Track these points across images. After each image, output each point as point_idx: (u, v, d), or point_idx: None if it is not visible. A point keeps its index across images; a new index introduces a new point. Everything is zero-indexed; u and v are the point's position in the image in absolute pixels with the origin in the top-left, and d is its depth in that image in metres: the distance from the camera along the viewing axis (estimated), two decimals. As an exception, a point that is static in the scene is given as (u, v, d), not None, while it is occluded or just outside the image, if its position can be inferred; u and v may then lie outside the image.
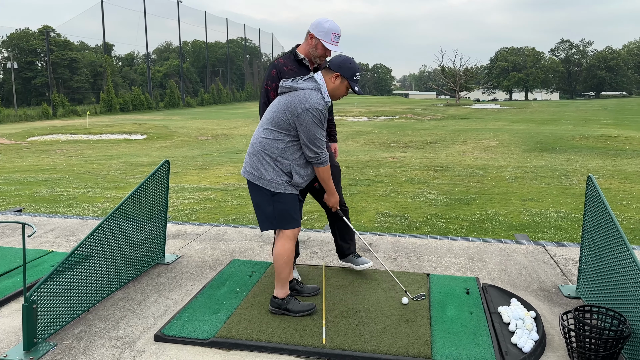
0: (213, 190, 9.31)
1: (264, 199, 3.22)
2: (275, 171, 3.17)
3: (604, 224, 3.25)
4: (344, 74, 3.15)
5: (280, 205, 3.21)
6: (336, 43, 3.44)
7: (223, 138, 22.21)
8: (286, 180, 3.19)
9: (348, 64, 3.17)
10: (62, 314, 3.21)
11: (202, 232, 5.42)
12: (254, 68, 79.52)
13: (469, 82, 63.31)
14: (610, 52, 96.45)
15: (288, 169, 3.18)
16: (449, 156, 15.18)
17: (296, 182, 3.22)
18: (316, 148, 3.12)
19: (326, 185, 3.36)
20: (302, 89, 3.11)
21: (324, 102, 3.11)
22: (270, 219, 3.25)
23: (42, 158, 16.12)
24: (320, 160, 3.18)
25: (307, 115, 3.05)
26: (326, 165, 3.23)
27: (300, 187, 3.32)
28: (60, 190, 9.48)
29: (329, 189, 3.40)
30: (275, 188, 3.18)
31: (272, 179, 3.17)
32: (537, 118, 33.85)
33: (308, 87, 3.12)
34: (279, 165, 3.17)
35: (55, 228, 5.63)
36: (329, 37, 3.40)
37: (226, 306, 3.51)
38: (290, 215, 3.25)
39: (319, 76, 3.19)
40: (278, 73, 3.51)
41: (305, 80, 3.17)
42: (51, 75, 46.40)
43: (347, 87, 3.22)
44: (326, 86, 3.18)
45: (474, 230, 6.35)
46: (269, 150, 3.16)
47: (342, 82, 3.18)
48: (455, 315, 3.38)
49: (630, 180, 10.22)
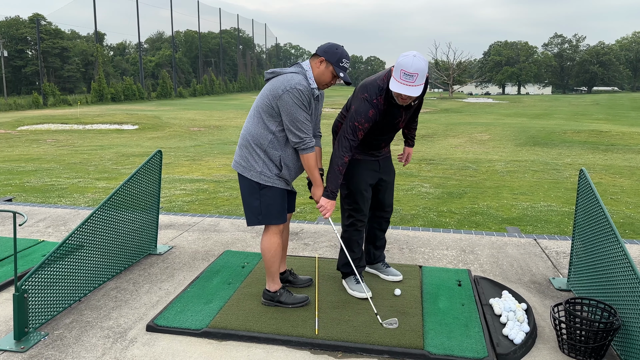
0: (205, 182, 9.27)
1: (252, 192, 3.20)
2: (265, 163, 3.14)
3: (596, 217, 3.27)
4: (329, 59, 3.05)
5: (267, 199, 3.18)
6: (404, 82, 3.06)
7: (215, 129, 22.12)
8: (276, 173, 3.16)
9: (334, 49, 3.07)
10: (53, 304, 3.19)
11: (194, 223, 5.41)
12: (247, 59, 79.15)
13: (462, 75, 63.47)
14: (602, 47, 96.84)
15: (278, 160, 3.14)
16: (441, 149, 15.22)
17: (285, 174, 3.18)
18: (299, 132, 3.03)
19: (311, 175, 3.21)
20: (285, 72, 3.10)
21: (306, 84, 3.03)
22: (257, 214, 3.23)
23: (33, 147, 15.98)
24: (304, 145, 3.07)
25: (288, 96, 2.98)
26: (311, 152, 3.11)
27: (289, 182, 3.27)
28: (50, 180, 9.41)
29: (315, 180, 3.23)
30: (265, 180, 3.15)
31: (262, 170, 3.15)
32: (529, 112, 34.01)
33: (291, 71, 3.11)
34: (269, 156, 3.13)
35: (46, 218, 5.59)
36: (398, 74, 3.08)
37: (219, 297, 3.51)
38: (277, 210, 3.22)
39: (306, 62, 3.16)
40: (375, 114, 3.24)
41: (291, 65, 3.18)
42: (42, 64, 45.91)
43: (332, 72, 3.09)
44: (312, 72, 3.11)
45: (466, 223, 6.38)
46: (258, 141, 3.13)
47: (327, 67, 3.07)
48: (447, 307, 3.40)
49: (620, 175, 10.30)
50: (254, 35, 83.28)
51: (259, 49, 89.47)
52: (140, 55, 57.38)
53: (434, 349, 2.87)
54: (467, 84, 70.54)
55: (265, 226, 3.29)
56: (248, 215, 3.27)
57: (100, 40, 58.02)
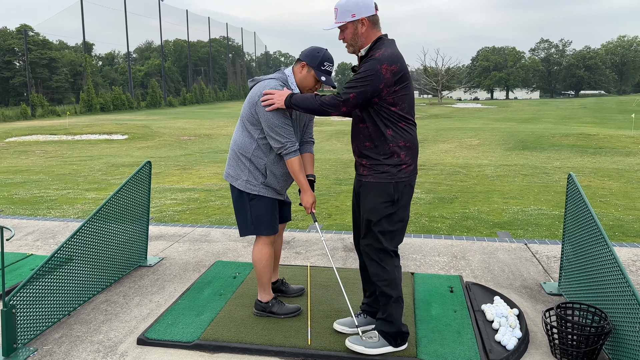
0: (196, 191, 9.23)
1: (241, 202, 3.20)
2: (251, 172, 3.14)
3: (585, 221, 3.29)
4: (310, 63, 3.03)
5: (256, 210, 3.17)
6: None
7: (206, 138, 22.06)
8: (262, 182, 3.14)
9: (316, 52, 3.06)
10: (42, 319, 3.15)
11: (185, 234, 5.37)
12: (237, 67, 79.15)
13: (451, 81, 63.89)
14: (588, 51, 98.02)
15: (263, 168, 3.13)
16: (432, 155, 15.28)
17: (270, 182, 3.16)
18: (278, 137, 2.99)
19: (297, 180, 3.10)
20: (264, 79, 3.11)
21: (279, 87, 3.02)
22: (248, 225, 3.22)
23: (21, 159, 15.83)
24: (285, 150, 3.01)
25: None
26: (294, 156, 3.03)
27: (278, 191, 3.23)
28: (39, 192, 9.32)
29: (300, 185, 3.11)
30: (251, 189, 3.14)
31: (247, 179, 3.14)
32: (518, 117, 34.27)
33: (270, 77, 3.12)
34: (254, 164, 3.13)
35: (34, 230, 5.53)
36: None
37: (210, 308, 3.48)
38: (267, 221, 3.20)
39: (289, 68, 3.16)
40: None
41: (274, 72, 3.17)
42: (29, 74, 45.60)
43: (314, 77, 3.07)
44: (294, 77, 3.11)
45: (457, 228, 6.40)
46: (244, 150, 3.13)
47: (309, 71, 3.05)
48: (439, 313, 3.40)
49: (609, 178, 10.40)
50: (243, 43, 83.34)
51: (248, 57, 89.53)
52: (129, 64, 57.19)
53: (427, 356, 2.87)
54: (455, 89, 70.99)
55: (257, 236, 3.28)
56: (240, 226, 3.26)
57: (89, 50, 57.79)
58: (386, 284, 2.87)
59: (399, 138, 2.78)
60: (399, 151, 2.78)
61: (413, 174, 2.87)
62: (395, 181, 2.80)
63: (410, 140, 2.82)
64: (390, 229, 2.85)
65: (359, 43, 2.85)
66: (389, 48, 2.75)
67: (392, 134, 2.78)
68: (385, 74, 2.67)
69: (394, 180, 2.80)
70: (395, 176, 2.80)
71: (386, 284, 2.87)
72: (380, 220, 2.83)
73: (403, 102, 2.76)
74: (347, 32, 2.85)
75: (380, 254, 2.87)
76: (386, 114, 2.76)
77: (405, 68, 2.77)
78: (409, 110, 2.81)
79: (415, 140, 2.87)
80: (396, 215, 2.84)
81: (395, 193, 2.81)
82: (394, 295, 2.87)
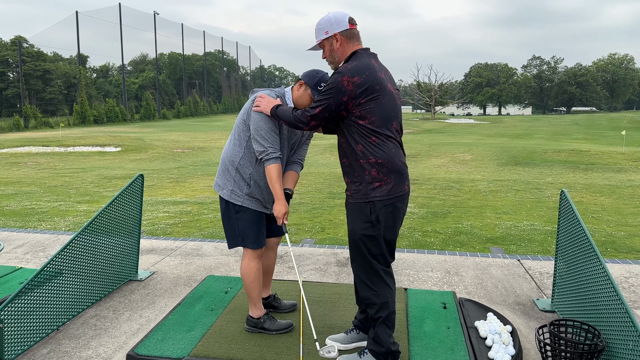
0: (189, 204, 9.19)
1: (228, 214, 3.21)
2: (236, 182, 3.16)
3: (577, 238, 3.30)
4: (308, 82, 3.10)
5: (242, 223, 3.17)
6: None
7: (199, 150, 22.04)
8: (246, 192, 3.15)
9: (315, 73, 3.13)
10: (30, 334, 3.10)
11: (176, 247, 5.33)
12: (232, 80, 79.46)
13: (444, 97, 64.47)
14: (580, 68, 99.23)
15: (248, 178, 3.15)
16: (425, 169, 15.33)
17: (254, 193, 3.15)
18: (262, 140, 3.02)
19: (272, 187, 3.03)
20: (264, 90, 3.20)
21: (274, 97, 3.13)
22: (236, 237, 3.21)
23: (12, 171, 15.72)
24: (267, 155, 3.02)
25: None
26: (274, 163, 3.01)
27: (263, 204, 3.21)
28: (30, 204, 9.24)
29: (275, 194, 3.03)
30: (235, 200, 3.15)
31: (232, 189, 3.16)
32: (510, 132, 34.53)
33: (270, 89, 3.21)
34: (240, 174, 3.15)
35: (24, 243, 5.47)
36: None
37: (201, 324, 3.44)
38: (253, 234, 3.19)
39: (289, 87, 3.25)
40: None
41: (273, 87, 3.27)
42: (23, 86, 45.52)
43: (310, 96, 3.11)
44: (292, 94, 3.18)
45: (450, 243, 6.39)
46: (232, 159, 3.17)
47: (306, 90, 3.12)
48: (432, 330, 3.37)
49: (600, 194, 10.46)
50: (238, 57, 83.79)
51: (243, 71, 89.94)
52: (123, 77, 57.25)
53: (420, 374, 2.84)
54: (448, 105, 71.59)
55: (244, 250, 3.27)
56: (227, 238, 3.26)
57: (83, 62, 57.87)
58: (377, 309, 2.82)
59: (368, 154, 2.68)
60: (369, 168, 2.68)
61: (395, 192, 2.71)
62: (370, 200, 2.69)
63: (383, 157, 2.67)
64: (376, 252, 2.77)
65: (336, 59, 2.87)
66: (356, 61, 2.72)
67: (362, 150, 2.69)
68: (347, 85, 2.63)
69: (368, 200, 2.70)
70: (369, 195, 2.69)
71: (377, 309, 2.82)
72: (365, 242, 2.74)
73: (372, 116, 2.65)
74: (325, 50, 2.89)
75: (372, 277, 2.81)
76: (355, 128, 2.70)
77: (374, 80, 2.66)
78: (381, 124, 2.68)
79: (391, 156, 2.69)
80: (379, 236, 2.73)
81: (372, 213, 2.69)
82: (384, 315, 2.82)
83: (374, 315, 2.83)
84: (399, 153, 2.76)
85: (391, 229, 2.76)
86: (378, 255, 2.77)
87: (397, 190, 2.72)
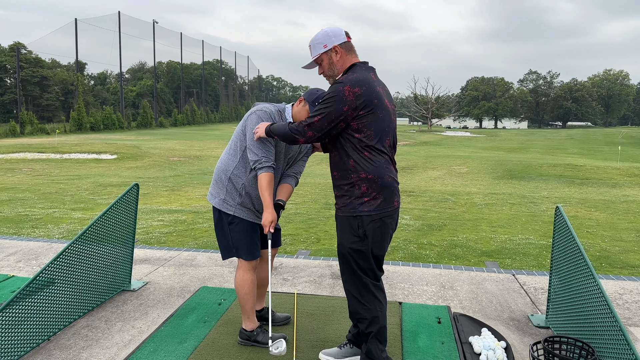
0: (184, 213, 9.15)
1: (221, 224, 3.21)
2: (228, 191, 3.17)
3: (572, 255, 3.30)
4: (307, 98, 3.13)
5: (235, 234, 3.17)
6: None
7: (195, 159, 22.02)
8: (238, 202, 3.15)
9: (315, 90, 3.16)
10: (20, 344, 3.07)
11: (170, 257, 5.30)
12: (229, 90, 79.64)
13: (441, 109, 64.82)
14: (575, 83, 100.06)
15: (241, 187, 3.15)
16: (421, 182, 15.36)
17: (246, 203, 3.15)
18: (257, 150, 3.03)
19: (262, 196, 2.99)
20: (264, 104, 3.24)
21: (272, 110, 3.16)
22: (229, 248, 3.21)
23: (7, 177, 15.65)
24: (260, 164, 3.03)
25: (254, 115, 3.10)
26: (266, 172, 3.01)
27: (256, 214, 3.20)
28: (24, 211, 9.19)
29: (264, 202, 2.99)
30: (227, 209, 3.15)
31: (224, 198, 3.17)
32: (506, 146, 34.69)
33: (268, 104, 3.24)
34: (233, 183, 3.16)
35: (17, 251, 5.43)
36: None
37: (194, 336, 3.41)
38: (246, 245, 3.18)
39: (289, 103, 3.28)
40: None
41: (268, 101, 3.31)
42: (20, 92, 45.49)
43: (308, 112, 3.13)
44: (291, 109, 3.21)
45: (445, 255, 6.38)
46: (226, 168, 3.19)
47: (304, 106, 3.15)
48: (426, 345, 3.36)
49: (595, 209, 10.48)
50: (236, 67, 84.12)
51: (241, 81, 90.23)
52: (121, 84, 57.32)
53: (413, 389, 2.82)
54: (445, 117, 71.97)
55: (238, 262, 3.26)
56: (221, 249, 3.25)
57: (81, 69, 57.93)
58: (367, 323, 2.80)
59: (359, 169, 2.67)
60: (360, 183, 2.67)
61: (384, 208, 2.70)
62: (358, 215, 2.68)
63: (373, 172, 2.66)
64: (365, 266, 2.75)
65: (335, 71, 2.86)
66: (356, 73, 2.73)
67: (354, 164, 2.68)
68: (348, 95, 2.62)
69: (355, 214, 2.69)
70: (357, 209, 2.68)
71: (367, 323, 2.80)
72: (353, 256, 2.73)
73: (368, 130, 2.65)
74: (324, 64, 2.88)
75: (362, 290, 2.79)
76: (349, 142, 2.69)
77: (373, 94, 2.66)
78: (376, 139, 2.67)
79: (382, 172, 2.68)
80: (367, 251, 2.72)
81: (360, 228, 2.68)
82: (374, 329, 2.81)
83: (365, 330, 2.82)
84: (389, 169, 2.75)
85: (379, 244, 2.75)
86: (367, 269, 2.76)
87: (386, 206, 2.71)
